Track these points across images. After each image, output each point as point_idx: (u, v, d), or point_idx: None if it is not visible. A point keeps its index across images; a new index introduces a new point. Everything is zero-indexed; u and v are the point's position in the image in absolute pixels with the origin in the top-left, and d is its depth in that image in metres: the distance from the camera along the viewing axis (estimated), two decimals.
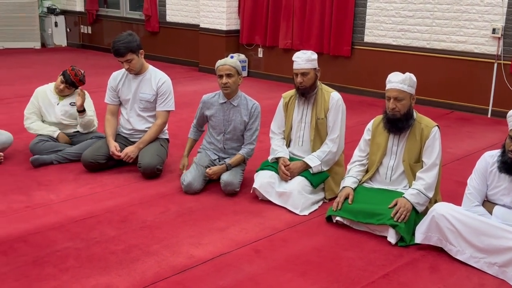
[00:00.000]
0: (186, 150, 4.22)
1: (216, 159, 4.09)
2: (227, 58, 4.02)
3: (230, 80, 3.91)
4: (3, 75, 8.20)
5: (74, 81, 4.49)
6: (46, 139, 4.50)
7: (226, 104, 4.04)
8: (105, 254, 3.04)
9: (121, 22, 10.72)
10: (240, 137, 4.08)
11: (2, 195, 3.79)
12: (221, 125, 4.05)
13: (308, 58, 3.74)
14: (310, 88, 3.80)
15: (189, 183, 3.92)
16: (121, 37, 4.20)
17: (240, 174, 4.00)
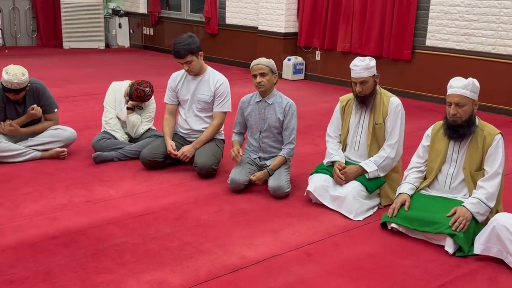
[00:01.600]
0: (237, 145, 4.09)
1: (256, 158, 4.11)
2: (262, 58, 4.04)
3: (264, 79, 3.93)
4: (69, 74, 8.53)
5: (135, 100, 4.60)
6: (108, 136, 4.65)
7: (261, 103, 4.06)
8: (160, 250, 3.10)
9: (182, 24, 10.93)
10: (277, 136, 4.08)
11: (65, 189, 3.94)
12: (258, 123, 4.08)
13: (366, 66, 3.67)
14: (370, 95, 3.74)
15: (232, 179, 3.97)
16: (182, 39, 4.28)
17: (285, 174, 3.99)
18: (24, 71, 4.23)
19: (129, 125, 4.68)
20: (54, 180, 4.10)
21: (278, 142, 4.09)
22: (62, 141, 4.57)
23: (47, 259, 2.94)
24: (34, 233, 3.24)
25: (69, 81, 7.95)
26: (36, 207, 3.61)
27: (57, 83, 7.42)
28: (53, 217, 3.47)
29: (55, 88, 4.67)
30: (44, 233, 3.25)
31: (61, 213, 3.54)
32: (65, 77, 8.20)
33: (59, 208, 3.61)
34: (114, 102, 4.71)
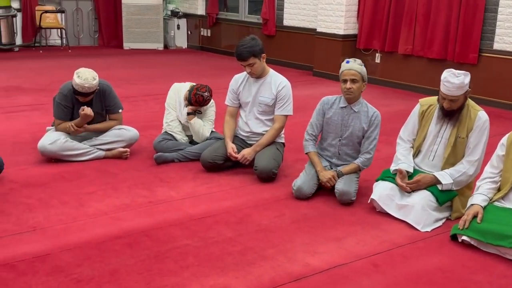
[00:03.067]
0: (320, 165, 3.95)
1: (327, 165, 4.01)
2: (354, 63, 3.88)
3: (354, 86, 3.81)
4: (129, 75, 8.69)
5: (194, 105, 4.61)
6: (169, 138, 4.68)
7: (346, 109, 3.94)
8: (223, 254, 3.08)
9: (239, 25, 10.96)
10: (356, 145, 3.97)
11: (127, 189, 3.98)
12: (338, 129, 3.97)
13: (460, 84, 3.40)
14: (457, 110, 3.54)
15: (299, 187, 3.88)
16: (245, 41, 4.25)
17: (355, 182, 3.88)
18: (95, 75, 4.31)
19: (193, 131, 4.68)
20: (117, 179, 4.16)
21: (356, 151, 3.98)
22: (125, 141, 4.63)
23: (112, 259, 2.97)
24: (99, 232, 3.28)
25: (129, 82, 8.10)
26: (100, 206, 3.66)
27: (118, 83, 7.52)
28: (116, 217, 3.51)
29: (115, 88, 4.73)
30: (109, 233, 3.28)
31: (125, 213, 3.57)
32: (125, 77, 8.35)
33: (123, 208, 3.65)
34: (175, 103, 4.74)
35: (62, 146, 4.37)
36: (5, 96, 6.84)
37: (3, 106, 6.32)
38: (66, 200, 3.73)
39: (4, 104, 6.42)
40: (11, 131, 5.30)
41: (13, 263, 2.87)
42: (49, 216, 3.47)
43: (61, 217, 3.47)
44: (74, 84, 4.26)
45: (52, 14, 10.90)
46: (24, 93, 7.02)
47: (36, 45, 10.90)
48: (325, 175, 3.88)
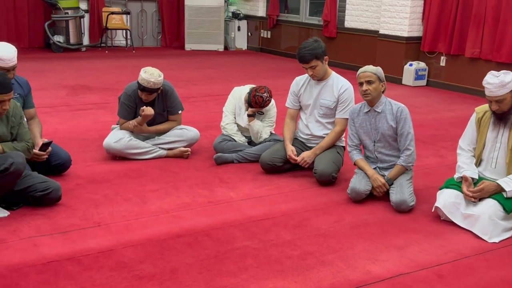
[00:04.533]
0: (370, 169, 3.90)
1: (375, 168, 3.94)
2: (369, 65, 3.87)
3: (371, 87, 3.76)
4: (190, 75, 8.83)
5: (254, 107, 4.61)
6: (228, 138, 4.72)
7: (371, 112, 3.88)
8: (281, 257, 3.06)
9: (299, 27, 10.93)
10: (393, 143, 3.87)
11: (188, 188, 4.04)
12: (370, 134, 3.91)
13: (500, 83, 3.31)
14: (508, 111, 3.41)
15: (352, 188, 3.84)
16: (307, 43, 4.22)
17: (408, 186, 3.77)
18: (161, 73, 4.40)
19: (252, 132, 4.70)
20: (179, 178, 4.22)
21: (395, 149, 3.89)
22: (186, 140, 4.70)
23: (173, 257, 3.01)
24: (160, 230, 3.34)
25: (190, 82, 8.22)
26: (162, 205, 3.72)
27: (179, 84, 7.68)
28: (178, 216, 3.56)
29: (177, 88, 4.81)
30: (170, 231, 3.33)
31: (185, 212, 3.62)
32: (187, 78, 8.49)
33: (183, 207, 3.70)
34: (234, 109, 4.77)
35: (126, 144, 4.49)
36: (72, 94, 7.10)
37: (71, 104, 6.57)
38: (130, 197, 3.82)
39: (71, 102, 6.66)
40: (78, 129, 5.50)
41: (79, 257, 2.97)
42: (113, 212, 3.57)
43: (125, 213, 3.56)
44: (141, 79, 4.36)
45: (118, 16, 11.24)
46: (91, 92, 7.26)
47: (102, 46, 11.27)
48: (376, 180, 3.82)
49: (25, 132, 3.60)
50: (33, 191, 3.51)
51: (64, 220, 3.41)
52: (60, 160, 4.10)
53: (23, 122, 3.60)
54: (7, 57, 3.77)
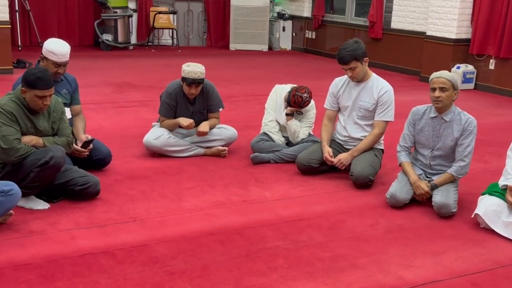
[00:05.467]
0: (414, 175, 3.79)
1: (421, 174, 3.83)
2: (444, 70, 3.72)
3: (443, 94, 3.62)
4: (232, 75, 8.88)
5: (293, 106, 4.61)
6: (266, 138, 4.72)
7: (437, 119, 3.76)
8: (313, 259, 3.04)
9: (345, 28, 10.82)
10: (450, 155, 3.75)
11: (223, 187, 4.07)
12: (430, 140, 3.79)
13: None
14: None
15: (392, 194, 3.76)
16: (347, 44, 4.18)
17: (453, 192, 3.67)
18: (203, 67, 4.50)
19: (289, 132, 4.70)
20: (215, 177, 4.26)
21: (451, 160, 3.78)
22: (224, 139, 4.73)
23: (204, 254, 3.04)
24: (194, 227, 3.38)
25: (233, 82, 8.28)
26: (197, 202, 3.76)
27: (222, 83, 7.74)
28: (212, 214, 3.59)
29: (220, 87, 4.85)
30: (203, 228, 3.37)
31: (219, 210, 3.65)
32: (230, 78, 8.54)
33: (218, 205, 3.73)
34: (275, 105, 4.77)
35: (165, 141, 4.56)
36: (117, 92, 7.27)
37: (115, 101, 6.72)
38: (166, 194, 3.88)
39: (116, 99, 6.82)
40: (121, 126, 5.62)
41: (113, 251, 3.03)
42: (149, 208, 3.63)
43: (160, 210, 3.62)
44: (186, 73, 4.43)
45: (165, 15, 11.42)
46: (135, 90, 7.42)
47: (149, 44, 11.48)
48: (418, 188, 3.72)
49: (66, 127, 3.70)
50: (73, 185, 3.61)
51: (101, 214, 3.49)
52: (101, 155, 4.20)
53: (64, 117, 3.71)
54: (61, 52, 3.90)
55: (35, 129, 3.52)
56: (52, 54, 3.88)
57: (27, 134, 3.48)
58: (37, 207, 3.51)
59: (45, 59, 3.90)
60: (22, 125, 3.44)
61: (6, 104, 3.41)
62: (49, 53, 3.88)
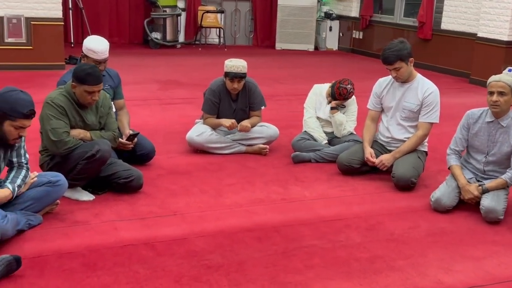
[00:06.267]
0: (463, 179, 3.70)
1: (472, 178, 3.75)
2: (503, 74, 3.60)
3: (502, 99, 3.52)
4: (277, 74, 8.90)
5: (338, 99, 4.60)
6: (307, 137, 4.73)
7: (493, 124, 3.65)
8: (349, 259, 3.03)
9: (393, 28, 10.66)
10: (505, 161, 3.64)
11: (263, 184, 4.09)
12: (484, 145, 3.69)
13: None
14: None
15: (437, 198, 3.68)
16: (392, 44, 4.13)
17: (504, 199, 3.57)
18: (245, 61, 4.59)
19: (335, 125, 4.70)
20: (255, 174, 4.29)
21: (505, 167, 3.66)
22: (266, 138, 4.76)
23: (241, 250, 3.08)
24: (232, 223, 3.42)
25: (277, 81, 8.30)
26: (236, 199, 3.81)
27: (266, 82, 7.78)
28: (250, 210, 3.63)
29: (263, 86, 4.89)
30: (241, 224, 3.41)
31: (258, 207, 3.68)
32: (274, 77, 8.57)
33: (257, 202, 3.76)
34: (314, 104, 4.80)
35: (207, 138, 4.63)
36: (164, 89, 7.41)
37: (161, 98, 6.86)
38: (206, 189, 3.94)
39: (162, 96, 6.96)
40: (165, 122, 5.74)
41: (154, 243, 3.11)
42: (190, 203, 3.70)
43: (200, 204, 3.68)
44: (229, 67, 4.51)
45: (212, 14, 11.55)
46: (181, 87, 7.54)
47: (196, 43, 11.64)
48: (468, 192, 3.64)
49: (113, 122, 3.81)
50: (117, 178, 3.72)
51: (143, 207, 3.58)
52: (145, 150, 4.31)
53: (111, 112, 3.83)
54: (100, 50, 4.02)
55: (83, 123, 3.64)
56: (92, 52, 3.99)
57: (75, 127, 3.61)
58: (83, 198, 3.64)
59: (86, 57, 4.02)
60: (71, 118, 3.57)
61: (57, 98, 3.54)
62: (89, 51, 4.00)
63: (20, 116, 2.93)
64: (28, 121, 2.99)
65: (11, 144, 3.05)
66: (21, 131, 3.00)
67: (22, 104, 2.94)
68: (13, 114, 2.91)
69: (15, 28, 7.78)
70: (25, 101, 2.96)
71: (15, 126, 2.95)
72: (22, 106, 2.93)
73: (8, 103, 2.91)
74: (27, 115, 2.95)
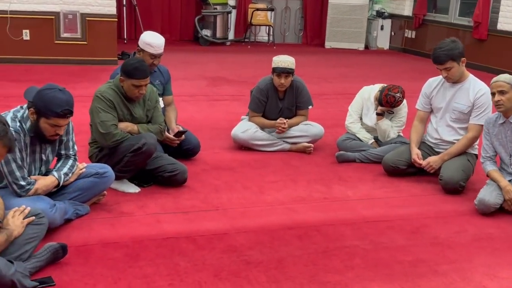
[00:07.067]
0: (503, 181, 3.63)
1: (510, 180, 3.64)
2: (503, 74, 3.62)
3: (504, 97, 3.52)
4: (325, 73, 8.84)
5: (385, 106, 4.52)
6: (353, 137, 4.67)
7: (506, 124, 3.61)
8: (392, 262, 2.98)
9: (447, 27, 10.39)
10: None
11: (306, 183, 4.08)
12: (506, 147, 3.63)
13: None
14: None
15: (480, 199, 3.59)
16: (443, 43, 4.03)
17: None
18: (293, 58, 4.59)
19: (379, 131, 4.62)
20: (298, 173, 4.28)
21: None
22: (310, 136, 4.74)
23: (281, 247, 3.07)
24: (273, 220, 3.43)
25: (325, 80, 8.24)
26: (278, 196, 3.81)
27: (314, 81, 7.74)
28: (292, 208, 3.62)
29: (311, 85, 4.87)
30: (282, 222, 3.40)
31: (300, 206, 3.67)
32: (323, 76, 8.51)
33: (299, 201, 3.75)
34: (360, 108, 4.71)
35: (252, 135, 4.65)
36: (211, 85, 7.49)
37: (209, 95, 6.94)
38: (249, 186, 3.96)
39: (209, 93, 7.04)
40: (212, 118, 5.79)
41: (195, 237, 3.15)
42: (232, 198, 3.73)
43: (242, 201, 3.70)
44: (276, 63, 4.52)
45: (262, 12, 11.58)
46: (228, 84, 7.60)
47: (245, 41, 11.70)
48: (509, 192, 3.54)
49: (159, 115, 3.88)
50: (162, 172, 3.79)
51: (186, 201, 3.63)
52: (190, 145, 4.37)
53: (158, 106, 3.90)
54: (157, 44, 4.11)
55: (131, 116, 3.72)
56: (149, 46, 4.08)
57: (123, 120, 3.69)
58: (129, 190, 3.72)
59: (142, 51, 4.11)
60: (119, 112, 3.65)
61: (106, 91, 3.63)
62: (146, 45, 4.09)
63: (54, 115, 2.92)
64: (63, 120, 2.97)
65: (50, 140, 3.09)
66: (57, 129, 3.00)
67: (56, 103, 2.91)
68: (47, 112, 2.91)
69: (70, 24, 8.03)
70: (61, 101, 2.93)
71: (50, 124, 2.96)
72: (56, 106, 2.91)
73: (43, 101, 2.91)
74: (61, 114, 2.93)
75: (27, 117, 2.99)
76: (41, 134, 3.00)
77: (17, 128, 2.93)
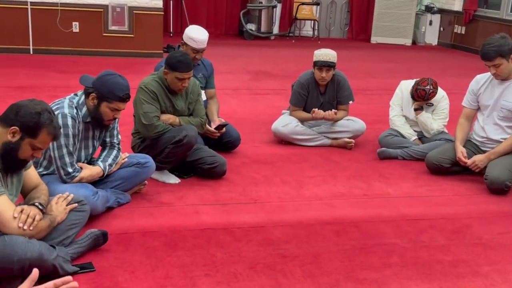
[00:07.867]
0: None
1: None
2: None
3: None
4: (371, 68, 8.71)
5: (417, 100, 4.44)
6: (395, 134, 4.59)
7: None
8: (431, 261, 2.92)
9: (499, 23, 10.06)
10: None
11: (345, 178, 4.04)
12: None
13: None
14: None
15: None
16: (492, 39, 3.92)
17: None
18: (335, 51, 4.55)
19: (421, 126, 4.54)
20: (338, 168, 4.24)
21: None
22: (352, 132, 4.68)
23: (318, 242, 3.06)
24: (311, 215, 3.41)
25: (370, 75, 8.13)
26: (317, 191, 3.79)
27: (358, 76, 7.65)
28: (330, 204, 3.60)
29: (355, 80, 4.82)
30: (320, 217, 3.38)
31: (338, 201, 3.64)
32: (367, 71, 8.40)
33: (338, 196, 3.72)
34: (400, 101, 4.63)
35: (292, 129, 4.63)
36: (255, 79, 7.50)
37: (251, 88, 6.95)
38: (288, 180, 3.95)
39: (252, 87, 7.05)
40: (253, 111, 5.80)
41: (232, 228, 3.17)
42: (270, 192, 3.73)
43: (280, 195, 3.70)
44: (317, 56, 4.50)
45: (308, 6, 11.50)
46: (271, 78, 7.60)
47: (290, 35, 11.65)
48: None
49: (201, 108, 3.92)
50: (202, 163, 3.83)
51: (225, 193, 3.66)
52: (231, 138, 4.39)
53: (200, 99, 3.93)
54: (200, 39, 4.15)
55: (173, 108, 3.77)
56: (192, 41, 4.12)
57: (165, 112, 3.75)
58: (169, 181, 3.78)
59: (185, 44, 4.16)
60: (162, 104, 3.71)
61: (149, 83, 3.69)
62: (189, 39, 4.13)
63: (116, 99, 3.08)
64: (123, 104, 3.14)
65: (105, 124, 3.22)
66: (116, 113, 3.15)
67: (118, 88, 3.08)
68: (110, 97, 3.07)
69: (118, 17, 8.20)
70: (122, 85, 3.10)
71: (111, 108, 3.11)
72: (118, 90, 3.08)
73: (106, 86, 3.08)
74: (123, 98, 3.10)
75: (83, 103, 3.12)
76: (99, 118, 3.13)
77: (73, 114, 3.05)
